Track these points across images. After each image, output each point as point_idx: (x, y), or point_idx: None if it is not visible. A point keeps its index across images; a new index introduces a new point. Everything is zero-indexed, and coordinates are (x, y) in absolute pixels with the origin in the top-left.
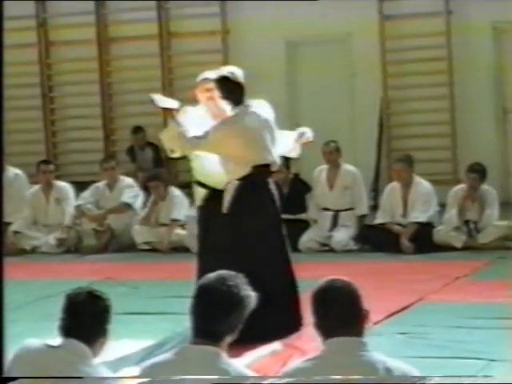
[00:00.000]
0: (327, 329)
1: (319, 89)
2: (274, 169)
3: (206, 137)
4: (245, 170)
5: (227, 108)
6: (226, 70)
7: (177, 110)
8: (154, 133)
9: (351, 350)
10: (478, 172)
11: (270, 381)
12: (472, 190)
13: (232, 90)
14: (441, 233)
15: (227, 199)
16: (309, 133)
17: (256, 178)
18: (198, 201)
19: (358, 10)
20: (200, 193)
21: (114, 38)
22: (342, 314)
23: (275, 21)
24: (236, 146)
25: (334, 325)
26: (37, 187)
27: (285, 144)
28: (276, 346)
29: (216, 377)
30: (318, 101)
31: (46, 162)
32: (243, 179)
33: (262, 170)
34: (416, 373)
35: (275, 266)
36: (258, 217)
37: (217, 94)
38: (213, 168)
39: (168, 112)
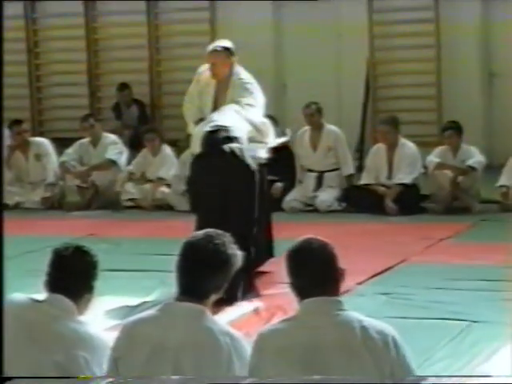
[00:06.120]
0: (303, 289)
1: (305, 49)
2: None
3: None
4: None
5: None
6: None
7: None
8: (140, 90)
9: (327, 310)
10: (453, 129)
11: (269, 381)
12: (452, 147)
13: None
14: None
15: None
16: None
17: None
18: None
19: None
20: None
21: None
22: (317, 273)
23: None
24: None
25: (310, 285)
26: (12, 147)
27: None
28: (258, 304)
29: (213, 376)
30: (304, 61)
31: (18, 122)
32: None
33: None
34: (392, 331)
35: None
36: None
37: None
38: None
39: None
